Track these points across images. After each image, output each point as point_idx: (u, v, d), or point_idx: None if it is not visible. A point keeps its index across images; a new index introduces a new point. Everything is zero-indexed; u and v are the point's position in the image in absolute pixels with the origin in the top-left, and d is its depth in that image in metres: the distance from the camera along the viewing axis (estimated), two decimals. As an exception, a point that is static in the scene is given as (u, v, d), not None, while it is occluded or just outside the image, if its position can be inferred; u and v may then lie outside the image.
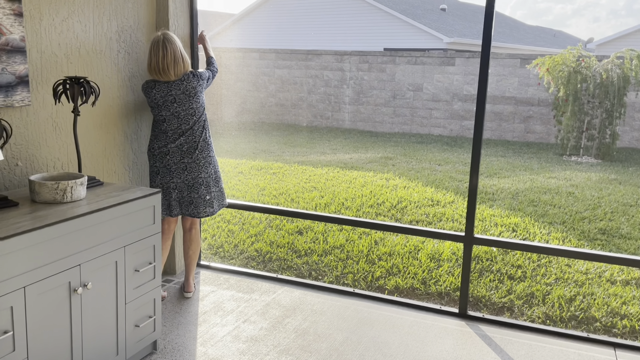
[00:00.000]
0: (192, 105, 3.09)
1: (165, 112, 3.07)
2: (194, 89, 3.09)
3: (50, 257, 2.04)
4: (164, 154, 3.11)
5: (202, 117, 3.16)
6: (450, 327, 3.11)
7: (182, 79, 3.06)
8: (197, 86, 3.10)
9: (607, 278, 4.12)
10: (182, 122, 3.09)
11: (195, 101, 3.10)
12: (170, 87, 3.05)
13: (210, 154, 3.21)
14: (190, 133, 3.11)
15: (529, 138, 12.02)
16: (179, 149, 3.11)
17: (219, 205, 3.30)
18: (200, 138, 3.14)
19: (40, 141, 2.67)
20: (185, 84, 3.06)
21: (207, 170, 3.19)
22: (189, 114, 3.09)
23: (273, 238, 4.76)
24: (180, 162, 3.12)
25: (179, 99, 3.06)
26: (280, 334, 2.95)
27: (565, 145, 10.44)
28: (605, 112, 10.16)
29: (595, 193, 7.08)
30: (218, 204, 3.30)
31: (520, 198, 6.69)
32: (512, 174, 8.22)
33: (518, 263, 4.32)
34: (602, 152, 10.17)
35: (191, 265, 3.41)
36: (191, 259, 3.40)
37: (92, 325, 2.28)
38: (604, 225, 5.59)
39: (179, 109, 3.07)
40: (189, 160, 3.12)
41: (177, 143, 3.10)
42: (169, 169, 3.13)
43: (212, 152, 3.24)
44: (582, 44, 10.91)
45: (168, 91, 3.05)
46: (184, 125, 3.09)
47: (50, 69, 2.67)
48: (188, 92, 3.07)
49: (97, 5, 2.90)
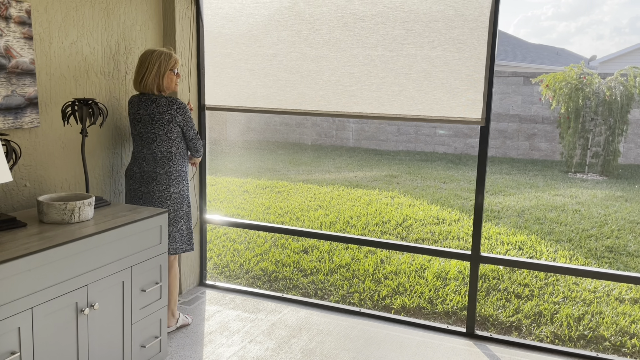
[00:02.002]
0: (153, 130, 2.87)
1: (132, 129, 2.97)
2: (161, 114, 2.83)
3: (57, 278, 2.04)
4: (128, 177, 2.97)
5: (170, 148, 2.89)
6: (458, 346, 3.08)
7: (152, 99, 2.85)
8: (165, 113, 2.83)
9: (616, 296, 4.09)
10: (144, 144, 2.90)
11: (160, 128, 2.86)
12: (140, 103, 2.88)
13: (170, 188, 2.90)
14: (151, 158, 2.89)
15: (533, 155, 12.02)
16: (140, 173, 2.92)
17: (172, 247, 2.97)
18: (163, 168, 2.89)
19: (48, 162, 2.69)
20: (154, 106, 2.84)
21: (164, 205, 2.91)
22: (150, 138, 2.88)
23: (279, 257, 4.75)
24: (137, 189, 2.93)
25: (144, 119, 2.87)
26: (286, 355, 2.93)
27: (569, 162, 10.43)
28: (609, 129, 10.17)
29: (602, 210, 7.05)
30: (172, 246, 2.97)
31: (526, 216, 6.66)
32: (518, 192, 8.20)
33: (525, 282, 4.29)
34: (607, 170, 10.15)
35: None
36: None
37: (98, 346, 2.27)
38: (611, 243, 5.55)
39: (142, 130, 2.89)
40: (144, 189, 2.91)
41: (138, 167, 2.92)
42: (130, 194, 2.97)
43: (175, 186, 2.92)
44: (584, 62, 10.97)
45: (137, 108, 2.89)
46: (145, 149, 2.90)
47: (59, 91, 2.71)
48: (153, 116, 2.84)
49: (105, 28, 2.95)
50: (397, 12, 3.04)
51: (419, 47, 3.02)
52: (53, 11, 2.64)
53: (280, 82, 3.37)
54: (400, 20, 3.04)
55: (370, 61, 3.13)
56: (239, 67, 3.48)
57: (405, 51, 3.05)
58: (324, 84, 3.26)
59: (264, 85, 3.42)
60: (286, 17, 3.30)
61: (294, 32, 3.29)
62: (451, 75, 2.98)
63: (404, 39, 3.04)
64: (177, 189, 2.93)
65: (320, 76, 3.25)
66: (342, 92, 3.22)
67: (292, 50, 3.31)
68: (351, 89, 3.20)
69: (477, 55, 2.92)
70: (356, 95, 3.19)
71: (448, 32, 2.95)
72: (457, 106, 2.99)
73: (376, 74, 3.13)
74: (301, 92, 3.32)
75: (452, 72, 2.97)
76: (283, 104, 3.39)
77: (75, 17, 2.76)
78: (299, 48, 3.28)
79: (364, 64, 3.15)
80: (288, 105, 3.38)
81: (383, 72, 3.11)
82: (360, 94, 3.18)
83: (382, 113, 3.15)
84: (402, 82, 3.08)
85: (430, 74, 3.02)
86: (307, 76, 3.30)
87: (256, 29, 3.39)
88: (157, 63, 2.82)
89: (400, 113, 3.11)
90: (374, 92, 3.15)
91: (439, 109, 3.03)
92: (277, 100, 3.40)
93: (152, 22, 3.29)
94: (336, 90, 3.23)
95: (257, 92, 3.45)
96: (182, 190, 2.95)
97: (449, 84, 2.99)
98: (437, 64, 3.00)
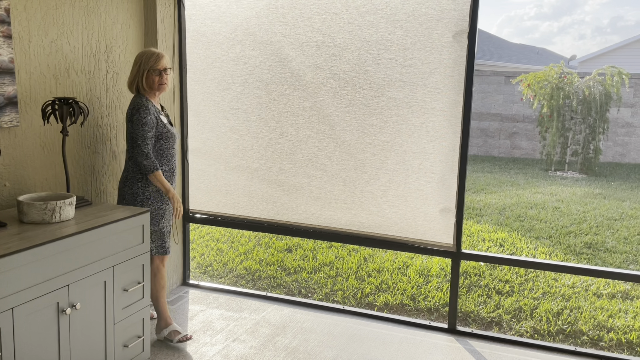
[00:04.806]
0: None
1: None
2: (128, 115, 2.81)
3: (38, 278, 2.03)
4: None
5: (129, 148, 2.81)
6: (440, 342, 3.12)
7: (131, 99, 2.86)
8: (128, 114, 2.79)
9: (594, 292, 4.17)
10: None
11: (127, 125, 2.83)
12: None
13: (133, 189, 2.81)
14: (127, 158, 2.87)
15: (515, 154, 12.17)
16: None
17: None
18: (128, 168, 2.85)
19: (28, 162, 2.67)
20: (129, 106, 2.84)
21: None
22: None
23: (262, 256, 4.76)
24: None
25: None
26: (270, 353, 2.95)
27: (550, 160, 10.59)
28: (589, 127, 10.34)
29: (581, 207, 7.17)
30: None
31: (507, 213, 6.75)
32: (499, 190, 8.31)
33: (506, 278, 4.36)
34: (586, 167, 10.32)
35: None
36: None
37: (80, 346, 2.26)
38: (590, 240, 5.66)
39: None
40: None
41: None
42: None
43: (128, 187, 2.82)
44: (564, 62, 11.14)
45: None
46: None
47: (39, 90, 2.69)
48: (125, 116, 2.86)
49: (85, 26, 2.93)
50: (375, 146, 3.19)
51: (394, 173, 3.22)
52: (32, 10, 2.61)
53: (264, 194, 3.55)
54: (378, 150, 3.25)
55: (350, 182, 3.33)
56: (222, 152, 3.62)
57: (381, 176, 3.25)
58: (305, 198, 3.45)
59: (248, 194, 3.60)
60: (270, 134, 3.46)
61: (277, 150, 3.46)
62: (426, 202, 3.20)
63: (381, 164, 3.24)
64: (131, 190, 2.83)
65: (302, 191, 3.44)
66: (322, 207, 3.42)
67: (273, 165, 3.48)
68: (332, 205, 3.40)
69: (448, 185, 3.07)
70: (336, 211, 3.39)
71: (421, 164, 3.15)
72: (431, 231, 3.20)
73: (355, 195, 3.33)
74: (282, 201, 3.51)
75: (426, 199, 3.18)
76: (265, 215, 3.56)
77: (55, 16, 2.74)
78: (280, 164, 3.46)
79: (343, 184, 3.35)
80: (270, 216, 3.55)
81: (362, 194, 3.31)
82: (341, 211, 3.38)
83: (361, 231, 3.35)
84: (380, 203, 3.28)
85: (406, 198, 3.21)
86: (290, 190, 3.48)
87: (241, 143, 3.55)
88: (137, 64, 2.83)
89: (378, 232, 3.32)
90: (353, 211, 3.34)
91: (413, 231, 3.24)
92: (259, 211, 3.57)
93: (133, 20, 3.27)
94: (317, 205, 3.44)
95: (240, 201, 3.61)
96: (150, 191, 2.84)
97: (424, 209, 3.21)
98: (412, 190, 3.19)
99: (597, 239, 5.67)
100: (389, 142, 3.19)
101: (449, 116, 3.03)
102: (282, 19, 3.29)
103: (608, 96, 10.25)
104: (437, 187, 3.12)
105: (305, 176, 3.41)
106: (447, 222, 3.14)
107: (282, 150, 3.43)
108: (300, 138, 3.38)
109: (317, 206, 3.41)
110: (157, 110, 2.88)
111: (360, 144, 3.25)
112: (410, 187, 3.18)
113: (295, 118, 3.37)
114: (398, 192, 3.21)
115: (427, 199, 3.16)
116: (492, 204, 7.24)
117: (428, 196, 3.15)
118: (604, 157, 11.45)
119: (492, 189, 8.37)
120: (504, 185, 8.74)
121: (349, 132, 3.26)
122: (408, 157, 3.16)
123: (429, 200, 3.15)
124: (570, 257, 5.12)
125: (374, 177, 3.26)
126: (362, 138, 3.24)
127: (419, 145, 3.12)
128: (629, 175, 10.08)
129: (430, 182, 3.14)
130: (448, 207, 3.12)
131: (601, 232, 5.98)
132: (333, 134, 3.30)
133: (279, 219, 3.52)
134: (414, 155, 3.14)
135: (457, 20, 2.94)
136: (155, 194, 2.85)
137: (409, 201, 3.20)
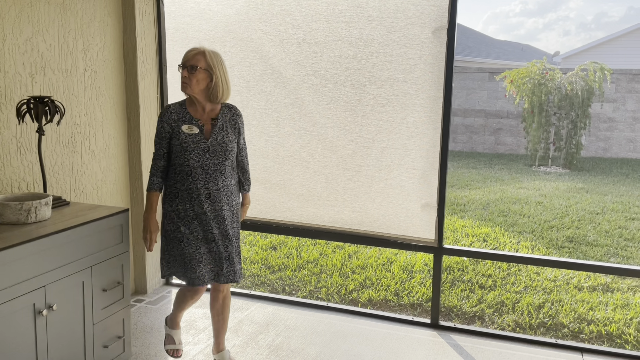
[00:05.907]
0: None
1: None
2: None
3: (13, 279, 2.00)
4: None
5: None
6: (423, 337, 3.13)
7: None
8: None
9: (575, 285, 4.22)
10: None
11: None
12: None
13: (164, 206, 2.55)
14: None
15: (499, 150, 12.27)
16: None
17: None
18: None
19: (4, 162, 2.63)
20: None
21: None
22: None
23: (246, 254, 4.74)
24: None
25: None
26: (253, 351, 2.94)
27: (534, 156, 10.68)
28: (571, 123, 10.45)
29: (563, 202, 7.25)
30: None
31: (490, 208, 6.80)
32: (483, 185, 8.36)
33: (488, 272, 4.39)
34: (569, 162, 10.43)
35: None
36: None
37: (58, 347, 2.24)
38: (572, 233, 5.72)
39: None
40: None
41: None
42: None
43: (164, 203, 2.55)
44: (546, 58, 11.23)
45: None
46: None
47: (15, 89, 2.65)
48: None
49: (62, 24, 2.89)
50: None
51: (376, 170, 3.23)
52: (6, 7, 2.57)
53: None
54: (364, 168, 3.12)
55: (332, 179, 3.35)
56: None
57: (363, 173, 3.26)
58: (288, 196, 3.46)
59: None
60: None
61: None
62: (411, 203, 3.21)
63: (363, 161, 3.25)
64: (164, 208, 2.55)
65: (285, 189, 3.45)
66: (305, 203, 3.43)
67: (255, 163, 3.50)
68: (315, 202, 3.41)
69: (429, 206, 3.05)
70: (319, 208, 3.40)
71: (403, 160, 3.15)
72: (413, 226, 3.22)
73: (338, 192, 3.34)
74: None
75: (408, 195, 3.20)
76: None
77: (29, 13, 2.70)
78: (262, 161, 3.47)
79: (326, 181, 3.36)
80: (253, 215, 3.55)
81: (344, 190, 3.31)
82: (323, 208, 3.39)
83: (344, 228, 3.36)
84: (363, 200, 3.29)
85: (388, 194, 3.22)
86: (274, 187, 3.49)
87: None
88: None
89: (360, 229, 3.33)
90: (336, 208, 3.35)
91: (395, 227, 3.25)
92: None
93: (110, 18, 3.23)
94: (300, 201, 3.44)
95: None
96: (166, 210, 2.52)
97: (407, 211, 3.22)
98: (394, 186, 3.20)
99: (578, 233, 5.74)
100: (371, 138, 3.19)
101: (430, 112, 3.04)
102: (262, 16, 3.27)
103: (590, 92, 10.36)
104: (418, 183, 3.13)
105: (288, 174, 3.40)
106: (428, 217, 3.15)
107: (264, 148, 3.42)
108: (282, 135, 3.37)
109: (300, 203, 3.41)
110: (183, 118, 2.45)
111: (342, 141, 3.25)
112: (392, 183, 3.19)
113: (277, 115, 3.36)
114: (380, 189, 3.22)
115: (408, 195, 3.17)
116: (476, 200, 7.28)
117: (410, 192, 3.16)
118: (587, 152, 11.59)
119: (477, 184, 8.43)
120: (489, 180, 8.80)
121: (330, 129, 3.26)
122: (390, 154, 3.17)
123: (411, 196, 3.16)
124: (552, 251, 5.17)
125: (356, 173, 3.26)
126: (344, 135, 3.24)
127: (400, 141, 3.13)
128: (611, 169, 10.21)
129: (411, 178, 3.15)
130: (429, 202, 3.13)
131: (583, 225, 6.05)
132: (315, 131, 3.29)
133: (262, 217, 3.51)
134: (396, 152, 3.15)
135: (436, 17, 2.95)
136: (171, 213, 2.48)
137: (391, 197, 3.20)
